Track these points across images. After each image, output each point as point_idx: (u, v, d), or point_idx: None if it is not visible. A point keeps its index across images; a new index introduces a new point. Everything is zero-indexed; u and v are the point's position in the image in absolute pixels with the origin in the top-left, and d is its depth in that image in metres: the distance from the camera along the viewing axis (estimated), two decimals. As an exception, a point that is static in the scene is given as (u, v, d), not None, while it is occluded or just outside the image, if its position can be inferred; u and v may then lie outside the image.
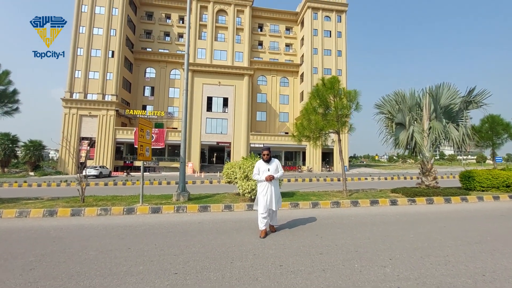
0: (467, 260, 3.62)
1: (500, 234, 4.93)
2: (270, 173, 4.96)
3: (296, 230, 5.24)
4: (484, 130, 12.23)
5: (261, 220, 4.87)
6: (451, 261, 3.60)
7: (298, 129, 9.80)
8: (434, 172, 9.54)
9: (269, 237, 4.80)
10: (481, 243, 4.37)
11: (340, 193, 9.94)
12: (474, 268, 3.37)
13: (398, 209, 7.45)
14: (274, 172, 5.01)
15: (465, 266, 3.43)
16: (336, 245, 4.32)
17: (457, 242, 4.45)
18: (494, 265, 3.46)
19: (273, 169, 5.03)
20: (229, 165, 9.37)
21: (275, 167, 5.08)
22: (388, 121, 9.67)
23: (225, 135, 37.39)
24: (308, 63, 39.03)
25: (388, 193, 9.76)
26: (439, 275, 3.17)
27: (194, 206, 7.22)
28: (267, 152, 5.08)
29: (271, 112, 42.82)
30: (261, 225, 4.89)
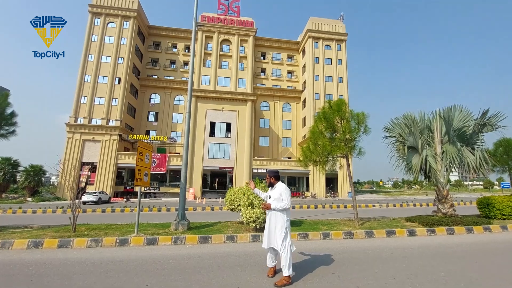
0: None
1: (545, 273, 4.27)
2: (270, 201, 4.14)
3: (309, 267, 4.60)
4: (498, 154, 11.71)
5: (269, 256, 4.18)
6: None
7: (304, 153, 9.36)
8: (450, 199, 8.90)
9: (279, 276, 4.18)
10: (528, 286, 3.73)
11: (351, 221, 9.24)
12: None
13: (417, 240, 6.76)
14: (276, 200, 4.07)
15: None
16: (358, 287, 3.69)
17: (498, 283, 3.80)
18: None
19: (275, 196, 4.11)
20: (232, 191, 8.83)
21: (277, 194, 4.11)
22: (399, 144, 9.23)
23: (227, 160, 36.95)
24: (310, 89, 39.58)
25: (403, 222, 9.06)
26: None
27: (194, 237, 6.60)
28: (268, 176, 4.30)
29: (274, 137, 42.70)
30: (268, 261, 4.20)
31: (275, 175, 4.36)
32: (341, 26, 43.22)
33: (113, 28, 38.52)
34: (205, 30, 41.89)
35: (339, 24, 43.33)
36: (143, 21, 41.55)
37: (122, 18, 38.75)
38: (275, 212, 4.02)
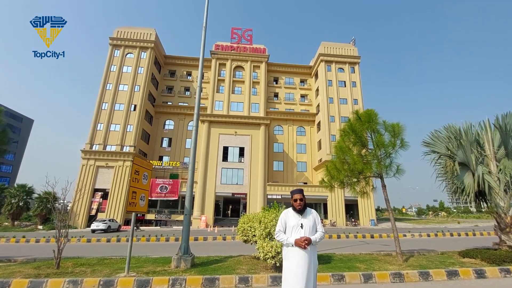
0: None
1: None
2: (304, 232, 3.06)
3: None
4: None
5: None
6: None
7: (330, 173, 7.99)
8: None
9: None
10: None
11: (390, 257, 7.53)
12: None
13: (493, 284, 5.05)
14: (311, 231, 3.10)
15: None
16: None
17: None
18: None
19: (310, 225, 3.12)
20: (245, 219, 7.48)
21: (312, 221, 3.16)
22: (447, 160, 7.70)
23: (241, 186, 35.47)
24: (325, 112, 38.56)
25: (457, 257, 7.27)
26: None
27: (197, 279, 5.21)
28: (300, 197, 3.22)
29: (288, 161, 41.19)
30: None
31: (305, 197, 3.26)
32: (353, 49, 43.06)
33: (131, 59, 40.01)
34: (219, 58, 42.78)
35: (351, 47, 43.22)
36: (159, 51, 43.11)
37: (140, 49, 40.32)
38: (313, 247, 3.04)
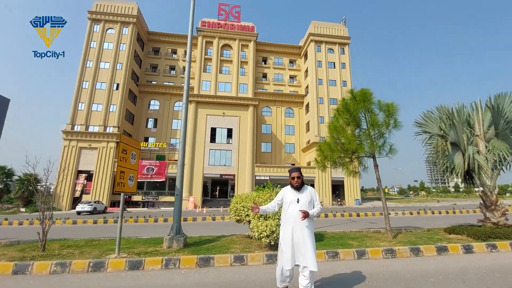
0: None
1: None
2: (300, 206, 3.20)
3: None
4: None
5: (282, 275, 3.28)
6: None
7: (323, 153, 7.92)
8: (501, 206, 7.40)
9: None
10: None
11: (380, 234, 7.73)
12: None
13: (481, 259, 5.26)
14: (307, 205, 3.25)
15: None
16: None
17: None
18: None
19: (306, 200, 3.27)
20: (238, 199, 7.37)
21: (309, 198, 3.30)
22: (439, 140, 7.77)
23: (229, 167, 35.46)
24: (313, 93, 38.38)
25: (443, 233, 7.55)
26: None
27: (191, 259, 5.10)
28: (297, 175, 3.34)
29: (277, 143, 41.29)
30: (278, 280, 3.37)
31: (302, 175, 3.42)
32: (343, 29, 42.40)
33: (112, 34, 37.72)
34: (205, 35, 41.08)
35: (342, 27, 42.52)
36: (142, 27, 40.82)
37: (121, 24, 37.98)
38: (305, 220, 3.16)
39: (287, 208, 3.33)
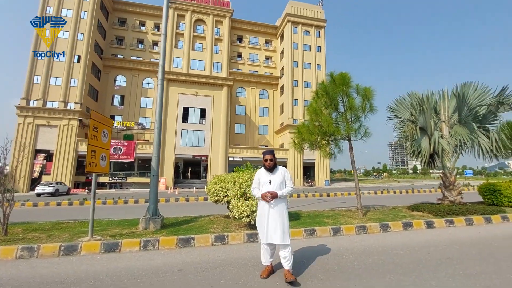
0: None
1: None
2: (272, 187, 3.42)
3: (334, 279, 3.31)
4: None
5: (264, 252, 3.50)
6: None
7: (301, 135, 8.03)
8: (458, 186, 8.19)
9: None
10: None
11: (351, 212, 8.21)
12: None
13: (441, 233, 5.82)
14: (279, 186, 3.46)
15: None
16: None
17: None
18: None
19: (278, 181, 3.47)
20: (217, 179, 7.30)
21: (280, 178, 3.50)
22: (409, 125, 8.25)
23: (202, 148, 34.97)
24: (288, 76, 38.41)
25: (407, 211, 8.21)
26: None
27: (171, 240, 5.01)
28: (270, 157, 3.54)
29: (250, 124, 41.26)
30: (263, 258, 3.53)
31: (275, 157, 3.63)
32: (320, 11, 42.22)
33: (71, 0, 33.84)
34: (177, 7, 38.53)
35: (319, 9, 42.29)
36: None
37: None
38: (278, 200, 3.40)
39: (261, 189, 3.56)
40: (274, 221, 3.34)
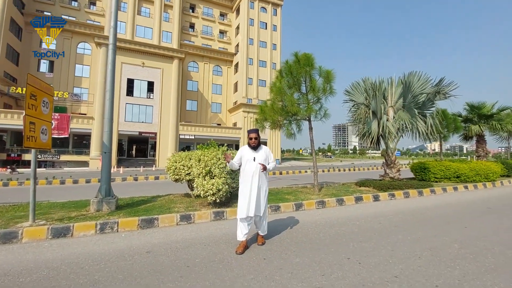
0: None
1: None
2: (257, 164, 3.71)
3: (305, 250, 3.52)
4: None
5: (241, 228, 3.64)
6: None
7: (265, 114, 8.03)
8: (398, 164, 9.33)
9: (270, 260, 2.93)
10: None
11: (307, 188, 8.72)
12: None
13: (386, 205, 6.63)
14: (263, 163, 3.75)
15: None
16: (401, 279, 2.79)
17: None
18: None
19: (262, 159, 3.76)
20: (177, 157, 6.93)
21: (264, 156, 3.80)
22: (364, 108, 8.89)
23: (149, 125, 32.69)
24: (244, 53, 37.63)
25: (355, 187, 9.08)
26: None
27: (132, 221, 4.66)
28: (255, 136, 3.76)
29: (203, 101, 39.84)
30: (240, 234, 3.65)
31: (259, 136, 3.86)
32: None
33: None
34: (120, -38, 33.59)
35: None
36: None
37: None
38: (262, 175, 3.75)
39: (244, 165, 3.75)
40: (257, 195, 3.64)
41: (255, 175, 3.66)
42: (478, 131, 13.00)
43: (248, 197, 3.61)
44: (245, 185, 3.69)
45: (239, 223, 3.66)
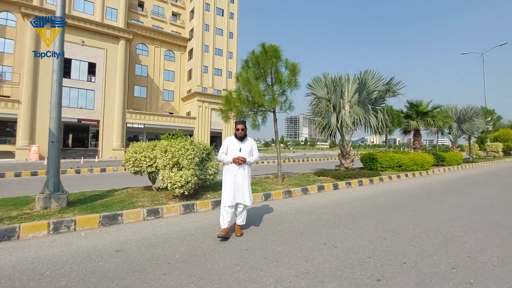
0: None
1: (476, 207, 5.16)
2: (242, 154, 3.81)
3: (284, 239, 3.64)
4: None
5: (224, 215, 3.73)
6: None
7: (230, 104, 7.87)
8: (352, 155, 10.14)
9: (253, 250, 2.98)
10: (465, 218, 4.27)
11: (270, 179, 8.92)
12: None
13: (345, 193, 7.21)
14: (247, 154, 3.89)
15: None
16: (377, 259, 3.07)
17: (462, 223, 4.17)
18: None
19: (247, 150, 3.88)
20: (137, 148, 6.41)
21: (249, 148, 3.93)
22: (325, 102, 9.34)
23: (91, 111, 29.43)
24: (199, 39, 36.11)
25: (314, 176, 9.60)
26: None
27: (92, 218, 4.19)
28: (242, 127, 3.88)
29: (153, 88, 37.31)
30: (222, 222, 3.73)
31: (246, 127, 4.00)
32: (233, -25, 40.43)
33: None
34: None
35: (232, -27, 40.37)
36: None
37: None
38: (245, 166, 3.85)
39: (230, 154, 3.86)
40: (241, 184, 3.76)
41: (240, 165, 3.78)
42: (416, 126, 15.00)
43: (233, 186, 3.73)
44: (229, 175, 3.79)
45: (222, 212, 3.76)
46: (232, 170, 3.78)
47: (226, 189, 3.77)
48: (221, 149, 3.94)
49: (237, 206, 3.84)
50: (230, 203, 3.70)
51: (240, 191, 3.74)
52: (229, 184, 3.76)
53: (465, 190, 8.05)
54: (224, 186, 3.83)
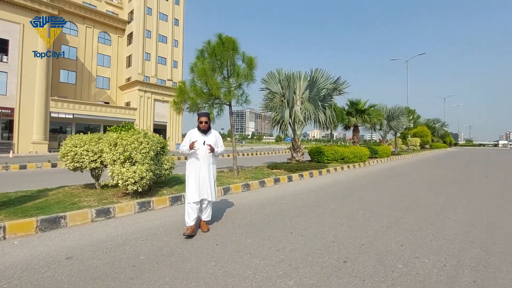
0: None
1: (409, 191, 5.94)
2: (206, 148, 3.70)
3: (251, 231, 3.69)
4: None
5: (190, 212, 3.56)
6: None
7: (184, 95, 7.46)
8: (302, 149, 10.70)
9: (223, 244, 2.98)
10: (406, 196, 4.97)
11: (225, 172, 8.82)
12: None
13: (300, 184, 7.63)
14: (213, 146, 3.77)
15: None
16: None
17: (400, 205, 4.79)
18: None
19: (212, 143, 3.75)
20: (77, 141, 5.63)
21: (213, 140, 3.79)
22: (279, 97, 9.56)
23: (3, 97, 24.62)
24: (140, 23, 33.18)
25: (267, 170, 9.86)
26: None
27: (27, 223, 3.54)
28: (205, 120, 3.75)
29: (84, 73, 33.02)
30: (188, 219, 3.57)
31: (210, 120, 3.90)
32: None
33: None
34: None
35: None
36: None
37: None
38: (210, 159, 3.77)
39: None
40: (206, 179, 3.64)
41: (205, 159, 3.69)
42: (355, 122, 16.68)
43: (197, 181, 3.61)
44: (194, 169, 3.66)
45: (187, 208, 3.60)
46: (196, 163, 3.66)
47: (190, 184, 3.62)
48: (183, 142, 3.79)
49: (202, 201, 3.71)
50: (195, 199, 3.55)
51: (205, 185, 3.63)
52: (193, 178, 3.62)
53: (397, 178, 9.35)
54: (188, 181, 3.68)
